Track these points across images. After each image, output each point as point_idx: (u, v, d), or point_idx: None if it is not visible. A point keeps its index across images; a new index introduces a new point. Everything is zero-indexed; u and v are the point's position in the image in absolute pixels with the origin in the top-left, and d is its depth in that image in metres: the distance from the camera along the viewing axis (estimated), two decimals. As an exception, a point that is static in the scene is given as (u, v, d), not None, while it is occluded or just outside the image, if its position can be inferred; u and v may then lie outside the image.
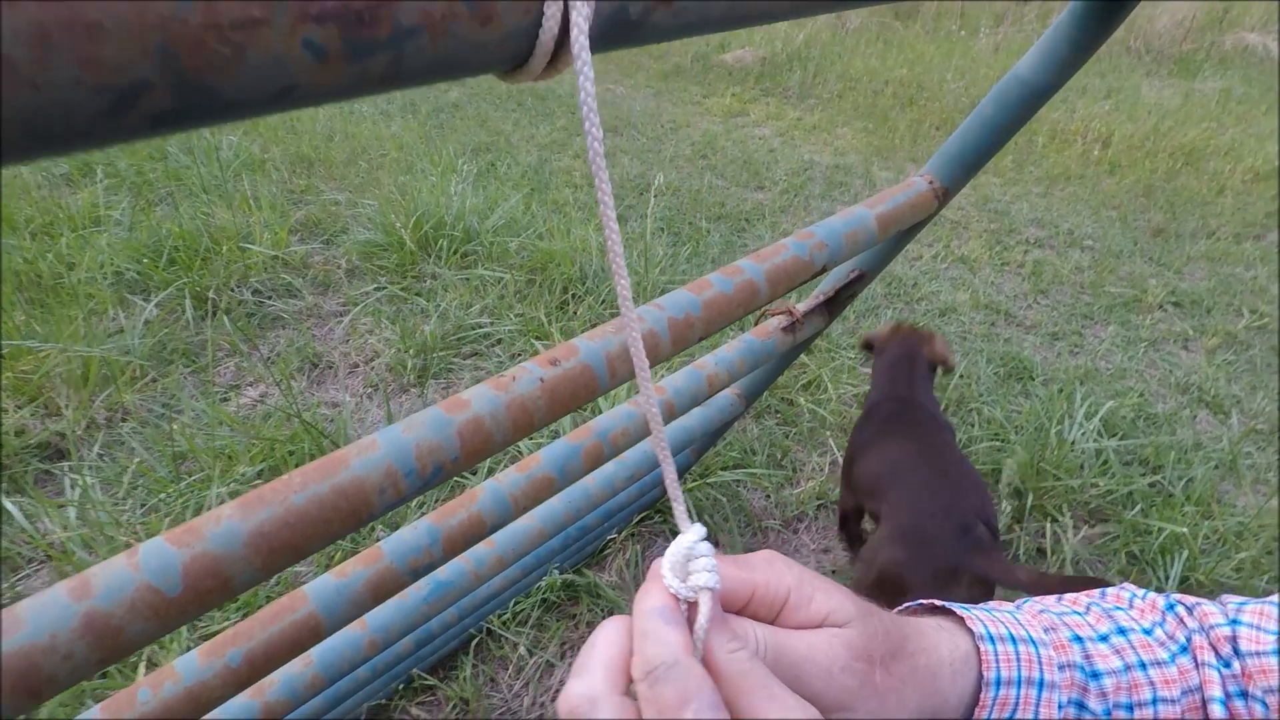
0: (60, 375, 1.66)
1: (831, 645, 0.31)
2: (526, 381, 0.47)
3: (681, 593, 0.29)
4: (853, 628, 0.32)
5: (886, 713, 0.33)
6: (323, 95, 0.15)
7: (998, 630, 0.38)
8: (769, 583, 0.32)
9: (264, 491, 0.38)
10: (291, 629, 0.55)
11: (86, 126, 0.12)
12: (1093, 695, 0.39)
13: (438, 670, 1.26)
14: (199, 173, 2.68)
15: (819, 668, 0.31)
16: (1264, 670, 0.38)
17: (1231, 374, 2.30)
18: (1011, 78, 0.76)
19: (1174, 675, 0.40)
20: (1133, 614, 0.43)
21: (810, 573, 0.34)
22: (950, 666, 0.36)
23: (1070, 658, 0.39)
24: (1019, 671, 0.37)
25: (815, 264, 0.69)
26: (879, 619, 0.34)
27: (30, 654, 0.30)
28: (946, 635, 0.38)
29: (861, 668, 0.32)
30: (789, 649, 0.31)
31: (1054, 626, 0.41)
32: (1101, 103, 4.97)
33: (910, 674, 0.34)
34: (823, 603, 0.33)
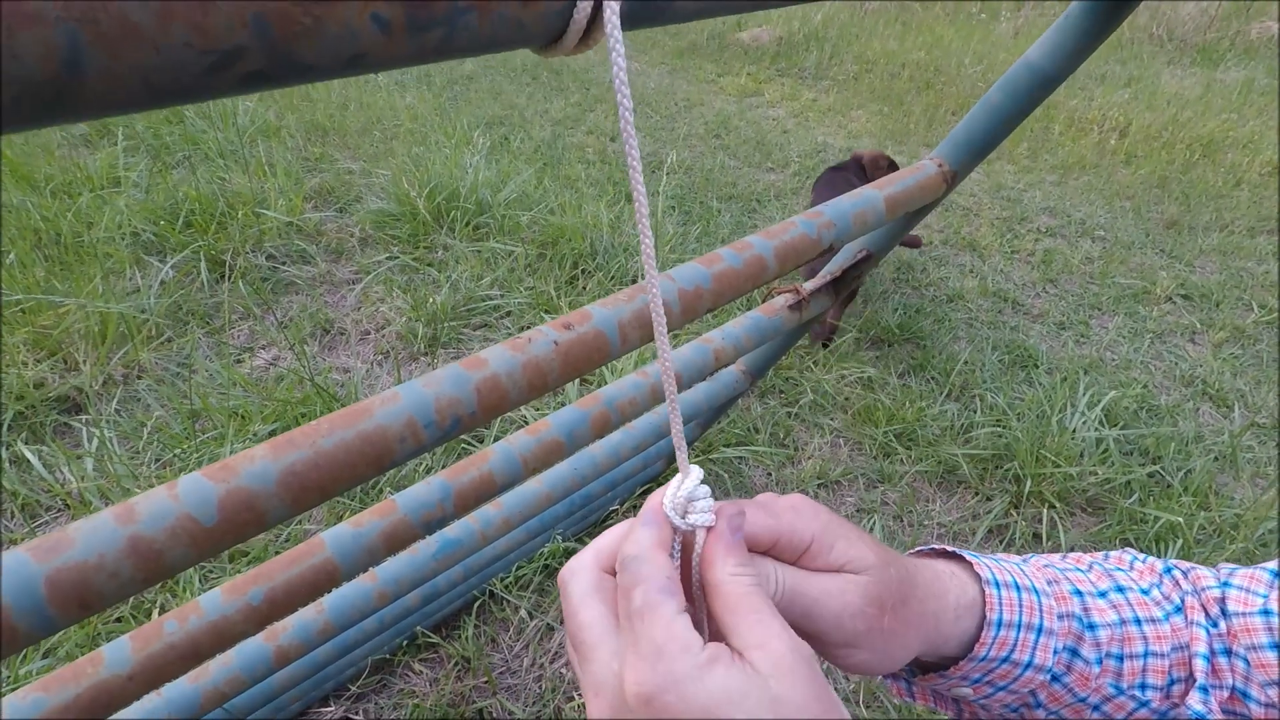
0: (79, 331, 1.69)
1: (845, 592, 0.34)
2: (541, 344, 0.49)
3: (680, 526, 0.32)
4: (869, 575, 0.35)
5: (889, 652, 0.36)
6: (385, 63, 0.17)
7: (1004, 577, 0.41)
8: (794, 529, 0.34)
9: (294, 435, 0.40)
10: (310, 572, 0.58)
11: (190, 83, 0.15)
12: (1087, 644, 0.41)
13: (441, 629, 1.30)
14: (216, 137, 2.69)
15: (830, 612, 0.33)
16: (1248, 629, 0.40)
17: (1237, 368, 2.31)
18: (1021, 64, 0.77)
19: (1166, 632, 0.42)
20: (1133, 575, 0.45)
21: (837, 520, 0.36)
22: (955, 610, 0.39)
23: (1069, 608, 0.41)
24: (1020, 616, 0.40)
25: (823, 242, 0.70)
26: (895, 567, 0.36)
27: (81, 570, 0.33)
28: (956, 582, 0.40)
29: (872, 613, 0.34)
30: (804, 591, 0.33)
31: (1056, 580, 0.43)
32: (1121, 91, 4.92)
33: (917, 618, 0.37)
34: (844, 550, 0.35)
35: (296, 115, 3.17)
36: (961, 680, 0.41)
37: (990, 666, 0.40)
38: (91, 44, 0.13)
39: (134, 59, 0.13)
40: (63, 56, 0.13)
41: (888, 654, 0.36)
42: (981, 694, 0.41)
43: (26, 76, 0.13)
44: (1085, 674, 0.41)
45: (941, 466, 1.76)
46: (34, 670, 1.12)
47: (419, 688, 1.21)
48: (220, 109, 2.93)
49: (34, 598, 0.32)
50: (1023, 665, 0.40)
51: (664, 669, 0.27)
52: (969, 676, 0.40)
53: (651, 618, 0.28)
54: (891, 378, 2.05)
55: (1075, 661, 0.41)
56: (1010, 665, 0.40)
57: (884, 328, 2.24)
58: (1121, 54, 5.96)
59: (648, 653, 0.28)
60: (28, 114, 0.13)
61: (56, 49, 0.13)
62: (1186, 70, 5.75)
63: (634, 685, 0.27)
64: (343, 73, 0.17)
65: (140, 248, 2.11)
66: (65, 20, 0.12)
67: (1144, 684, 0.41)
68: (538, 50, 0.22)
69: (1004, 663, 0.40)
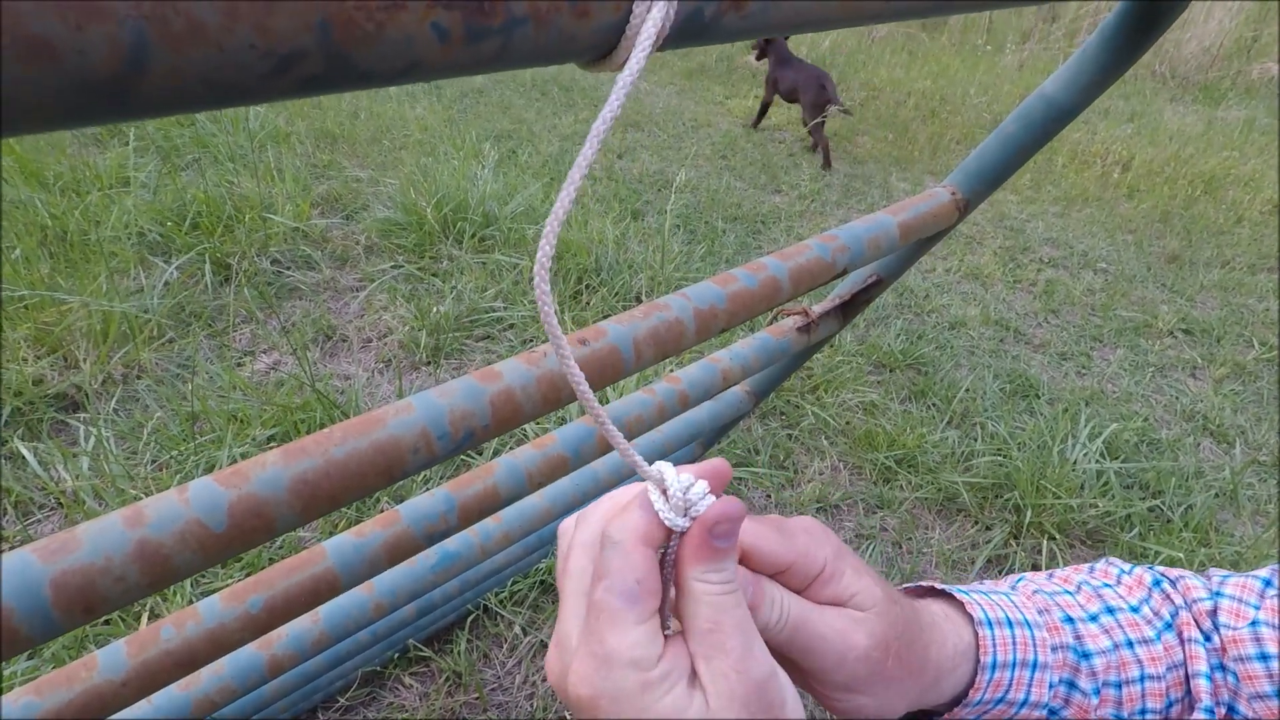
0: (81, 329, 1.69)
1: (852, 631, 0.32)
2: (556, 358, 0.49)
3: (679, 527, 0.28)
4: (875, 614, 0.33)
5: (890, 699, 0.34)
6: (438, 71, 0.17)
7: (995, 615, 0.40)
8: (808, 553, 0.33)
9: (306, 442, 0.40)
10: (310, 581, 0.57)
11: (250, 84, 0.14)
12: (1083, 675, 0.40)
13: (433, 642, 1.29)
14: (225, 141, 2.70)
15: (835, 651, 0.32)
16: (1236, 641, 0.40)
17: (1238, 404, 2.31)
18: (1037, 96, 0.78)
19: (1159, 653, 0.41)
20: (1120, 590, 0.44)
21: (846, 549, 0.35)
22: (953, 659, 0.38)
23: (1062, 639, 0.41)
24: (1014, 654, 0.39)
25: (837, 266, 0.70)
26: (900, 607, 0.35)
27: (87, 572, 0.33)
28: (952, 626, 0.39)
29: (877, 656, 0.33)
30: (811, 625, 0.32)
31: (1047, 608, 0.42)
32: (1124, 125, 4.96)
33: (919, 666, 0.35)
34: (851, 582, 0.33)
35: (306, 122, 3.19)
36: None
37: (985, 709, 0.39)
38: (157, 41, 0.13)
39: (197, 58, 0.13)
40: (128, 53, 0.12)
41: (887, 701, 0.34)
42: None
43: (90, 72, 0.12)
44: (1084, 706, 0.40)
45: (941, 494, 1.75)
46: (19, 670, 1.11)
47: (408, 702, 1.19)
48: (231, 114, 2.95)
49: (38, 600, 0.31)
50: (1018, 704, 0.39)
51: (607, 677, 0.26)
52: (965, 719, 0.40)
53: (608, 619, 0.26)
54: (893, 403, 2.04)
55: (1073, 694, 0.40)
56: (1005, 705, 0.39)
57: (886, 353, 2.24)
58: (1125, 89, 6.02)
59: (597, 654, 0.26)
60: (87, 110, 0.13)
61: (123, 46, 0.12)
62: (1189, 107, 5.81)
63: (576, 683, 0.26)
64: (396, 80, 0.17)
65: (146, 248, 2.11)
66: (134, 17, 0.12)
67: (1144, 709, 0.41)
68: (585, 65, 0.22)
69: (999, 703, 0.39)
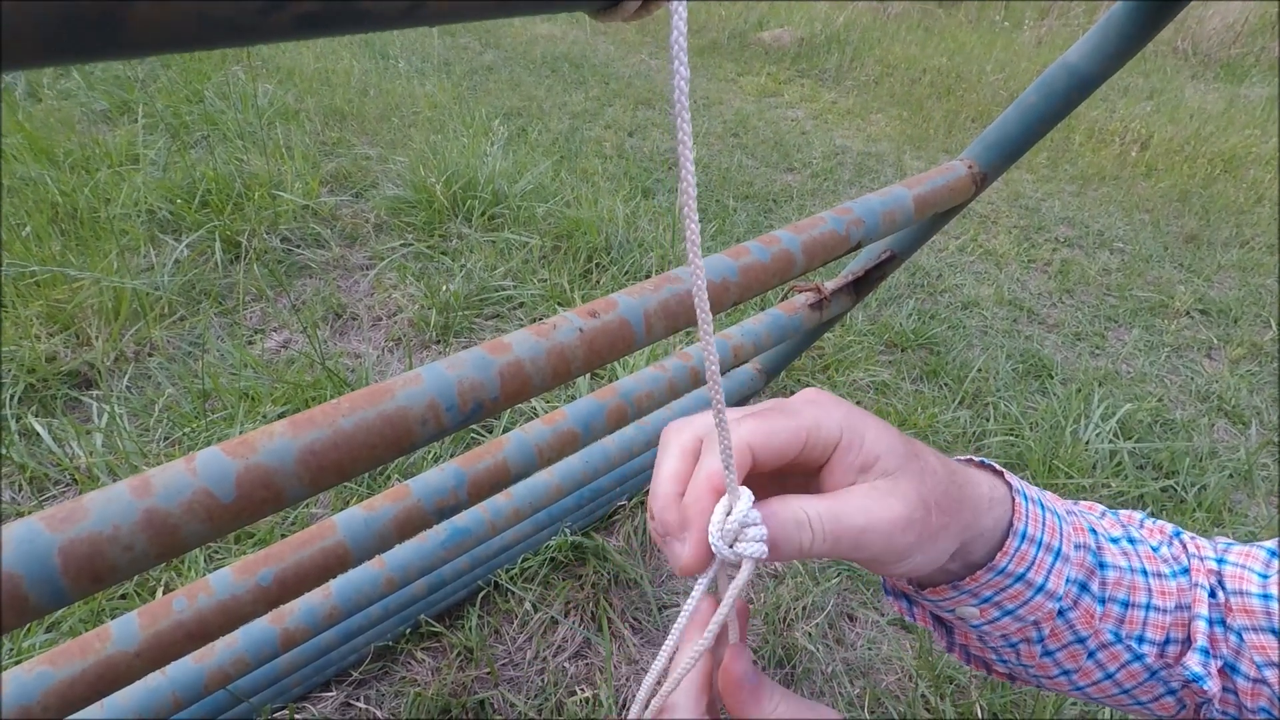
0: (92, 306, 1.70)
1: (890, 509, 0.31)
2: (566, 330, 0.48)
3: (726, 556, 0.30)
4: (905, 475, 0.32)
5: (938, 550, 0.34)
6: (443, 16, 0.16)
7: (1030, 493, 0.39)
8: (818, 424, 0.32)
9: (314, 413, 0.39)
10: (320, 555, 0.57)
11: (245, 22, 0.14)
12: (1096, 581, 0.40)
13: (444, 618, 1.30)
14: (234, 118, 2.69)
15: (880, 534, 0.31)
16: (1246, 610, 0.40)
17: (1254, 385, 2.28)
18: (1060, 65, 0.76)
19: (1171, 589, 0.41)
20: (1143, 532, 0.45)
21: (856, 409, 0.34)
22: (989, 500, 0.37)
23: (1085, 540, 0.40)
24: (1042, 533, 0.38)
25: (851, 240, 0.69)
26: (926, 457, 0.34)
27: (95, 541, 0.32)
28: (986, 475, 0.39)
29: (920, 517, 0.32)
30: (848, 523, 0.31)
31: (1074, 512, 0.42)
32: (1143, 103, 4.87)
33: (958, 506, 0.35)
34: (875, 440, 0.32)
35: (315, 99, 3.17)
36: (971, 596, 0.39)
37: (1004, 583, 0.38)
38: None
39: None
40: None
41: (937, 549, 0.34)
42: (987, 616, 0.40)
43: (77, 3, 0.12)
44: (1090, 611, 0.40)
45: (952, 474, 1.74)
46: (38, 644, 1.12)
47: (420, 676, 1.20)
48: (240, 91, 2.93)
49: (47, 568, 0.31)
50: (1035, 588, 0.38)
51: None
52: (980, 593, 0.39)
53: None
54: (905, 383, 2.03)
55: (1083, 597, 0.40)
56: (1024, 585, 0.38)
57: (898, 332, 2.22)
58: (1145, 66, 5.90)
59: None
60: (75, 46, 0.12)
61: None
62: (1210, 85, 5.70)
63: None
64: (397, 22, 0.16)
65: (156, 226, 2.11)
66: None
67: (1142, 637, 0.40)
68: (595, 15, 0.21)
69: (1018, 581, 0.38)
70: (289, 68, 3.47)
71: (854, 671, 1.30)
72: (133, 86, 2.90)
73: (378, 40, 4.37)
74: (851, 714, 1.23)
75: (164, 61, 3.28)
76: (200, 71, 3.17)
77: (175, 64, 3.24)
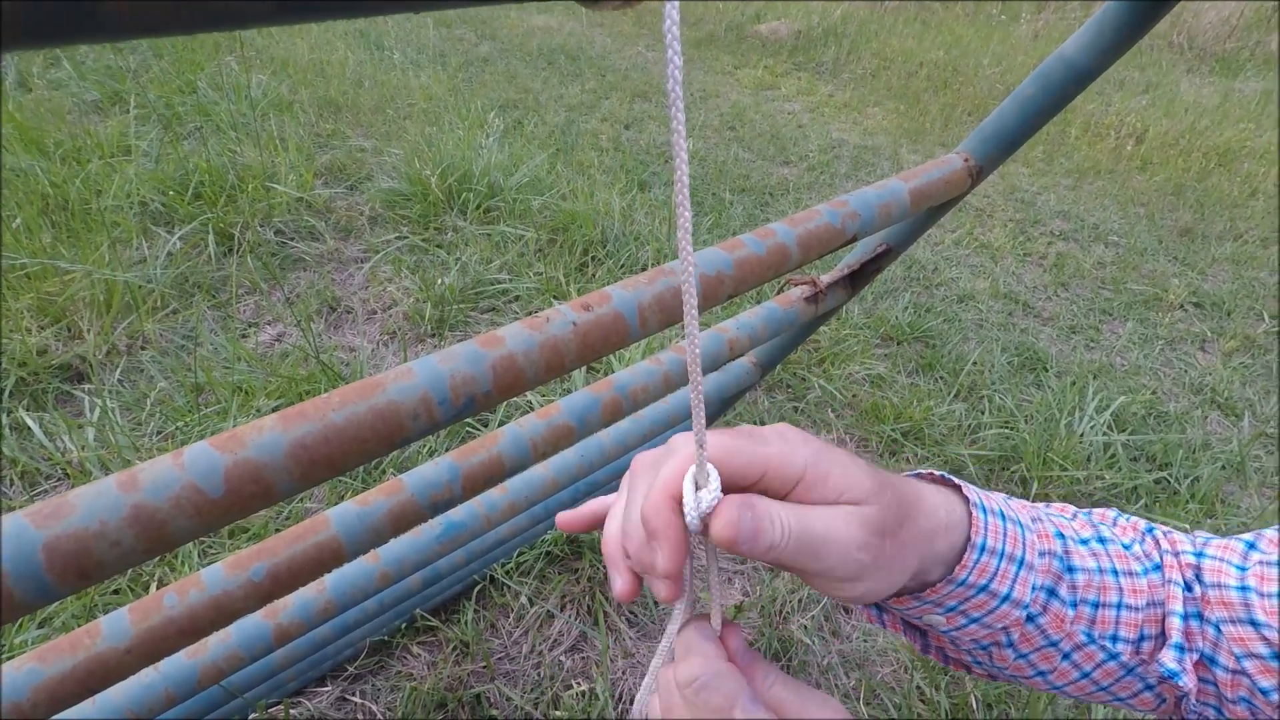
0: (84, 299, 1.68)
1: (850, 525, 0.32)
2: (559, 324, 0.48)
3: (696, 529, 0.32)
4: (869, 504, 0.33)
5: (891, 578, 0.35)
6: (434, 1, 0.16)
7: (990, 505, 0.39)
8: (783, 458, 0.33)
9: (305, 407, 0.39)
10: (314, 549, 0.57)
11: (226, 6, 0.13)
12: (1064, 585, 0.40)
13: (440, 612, 1.29)
14: (228, 110, 2.67)
15: (839, 547, 0.32)
16: (1224, 602, 0.40)
17: (1246, 377, 2.29)
18: (1056, 58, 0.75)
19: (1143, 586, 0.41)
20: (1115, 530, 0.45)
21: (826, 447, 0.34)
22: (945, 527, 0.38)
23: (1051, 547, 0.40)
24: (1003, 544, 0.38)
25: (846, 233, 0.69)
26: (891, 489, 0.35)
27: (81, 537, 0.32)
28: (944, 499, 0.39)
29: (875, 543, 0.33)
30: (810, 530, 0.32)
31: (1040, 519, 0.42)
32: (1139, 97, 4.87)
33: (913, 539, 0.36)
34: (840, 478, 0.33)
35: (310, 90, 3.15)
36: (935, 606, 0.39)
37: (967, 594, 0.38)
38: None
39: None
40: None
41: (888, 579, 0.35)
42: (954, 624, 0.40)
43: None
44: (1061, 615, 0.40)
45: (948, 466, 1.74)
46: (30, 640, 1.12)
47: (416, 670, 1.20)
48: (234, 81, 2.91)
49: (32, 564, 0.30)
50: (1000, 597, 0.38)
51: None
52: (944, 603, 0.39)
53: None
54: (900, 376, 2.03)
55: (1052, 602, 0.40)
56: (988, 595, 0.38)
57: (894, 326, 2.22)
58: (1141, 60, 5.90)
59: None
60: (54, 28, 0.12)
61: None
62: (1205, 79, 5.70)
63: None
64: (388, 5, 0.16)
65: (148, 218, 2.09)
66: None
67: (1115, 635, 0.41)
68: (585, 2, 0.20)
69: (982, 591, 0.38)
70: (283, 58, 3.44)
71: (850, 663, 1.30)
72: (124, 77, 2.88)
73: (373, 31, 4.34)
74: (848, 705, 1.23)
75: (157, 52, 3.26)
76: (193, 62, 3.14)
77: (168, 54, 3.22)
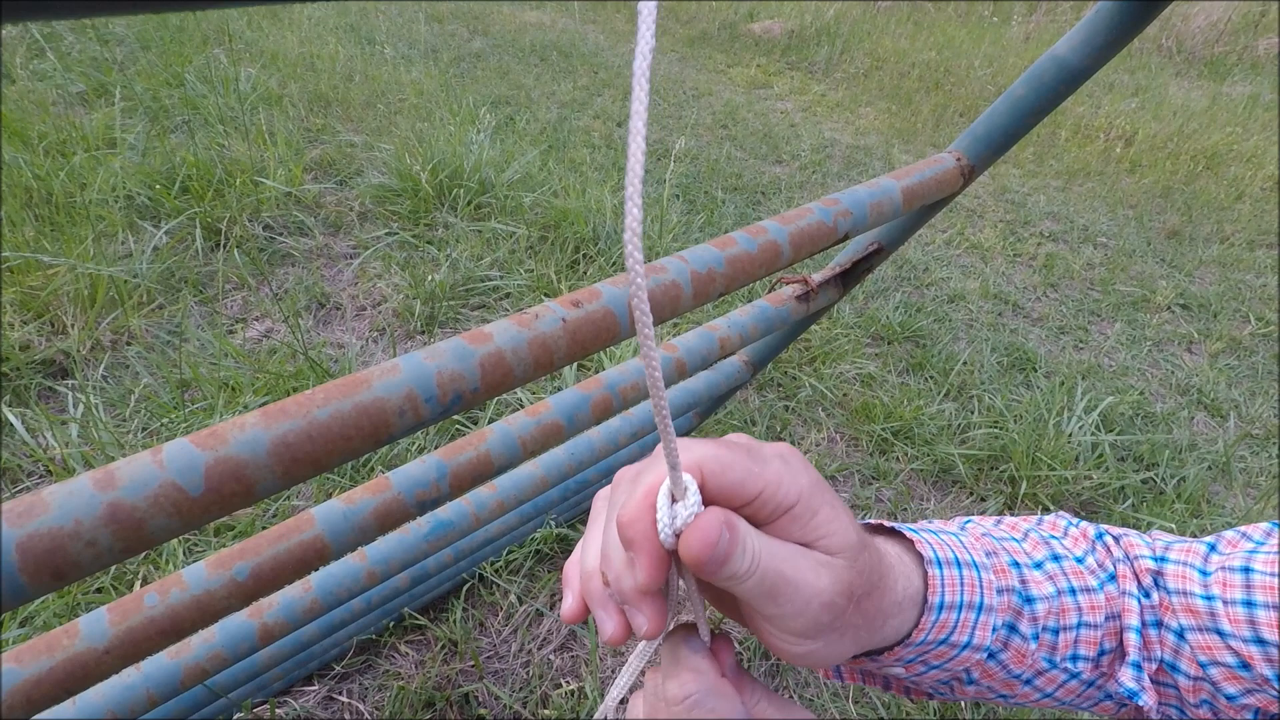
0: (68, 293, 1.66)
1: (820, 577, 0.30)
2: (549, 320, 0.47)
3: (671, 545, 0.30)
4: (845, 560, 0.31)
5: (842, 646, 0.33)
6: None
7: (945, 555, 0.39)
8: (781, 483, 0.31)
9: (287, 404, 0.38)
10: (299, 548, 0.56)
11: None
12: (1025, 619, 0.40)
13: (428, 611, 1.29)
14: (216, 103, 2.65)
15: (800, 596, 0.30)
16: (1190, 609, 0.40)
17: (1232, 379, 2.31)
18: (1048, 57, 0.75)
19: (1100, 602, 0.41)
20: (1066, 542, 0.44)
21: (822, 483, 0.33)
22: (902, 605, 0.37)
23: (1008, 582, 0.40)
24: (961, 596, 0.38)
25: (839, 231, 0.68)
26: (869, 553, 0.33)
27: (55, 536, 0.31)
28: (903, 569, 0.38)
29: (841, 605, 0.31)
30: (779, 570, 0.30)
31: (995, 551, 0.41)
32: (1128, 100, 4.90)
33: (875, 612, 0.34)
34: (827, 520, 0.31)
35: (300, 84, 3.12)
36: (895, 662, 0.39)
37: (926, 649, 0.38)
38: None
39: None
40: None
41: (839, 648, 0.33)
42: (914, 672, 0.40)
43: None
44: (1022, 650, 0.40)
45: (937, 465, 1.75)
46: (10, 639, 1.10)
47: (404, 669, 1.19)
48: (222, 75, 2.89)
49: (5, 564, 0.30)
50: (960, 646, 0.38)
51: None
52: (903, 659, 0.38)
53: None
54: (891, 375, 2.03)
55: (1013, 638, 0.40)
56: (947, 647, 0.38)
57: (884, 325, 2.23)
58: (1130, 63, 5.94)
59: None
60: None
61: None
62: (1194, 82, 5.74)
63: None
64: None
65: (134, 211, 2.07)
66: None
67: (1075, 655, 0.41)
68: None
69: (941, 644, 0.38)
70: (272, 51, 3.42)
71: (838, 663, 1.30)
72: (110, 69, 2.85)
73: (364, 26, 4.31)
74: (836, 705, 1.24)
75: (144, 44, 3.22)
76: (181, 54, 3.11)
77: (155, 46, 3.19)
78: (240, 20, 3.83)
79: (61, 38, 3.10)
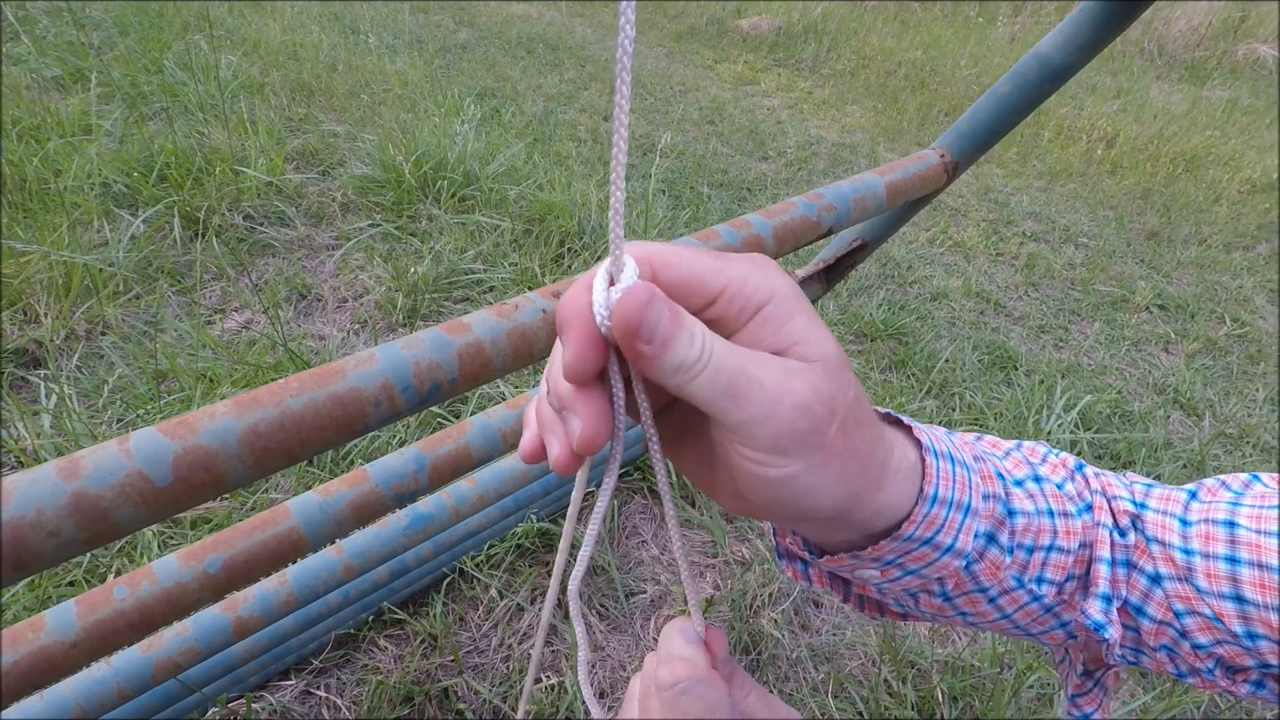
0: (41, 282, 1.63)
1: (790, 377, 0.26)
2: (529, 311, 0.47)
3: (603, 321, 0.26)
4: (823, 369, 0.27)
5: (826, 477, 0.28)
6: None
7: (940, 448, 0.36)
8: (748, 279, 0.27)
9: (260, 393, 0.37)
10: (273, 541, 0.55)
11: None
12: (1005, 531, 0.37)
13: (408, 605, 1.28)
14: (196, 90, 2.61)
15: (767, 395, 0.25)
16: (1169, 559, 0.39)
17: (1208, 378, 2.34)
18: (1032, 55, 0.76)
19: (1076, 528, 0.40)
20: (1045, 469, 0.43)
21: (799, 291, 0.28)
22: (897, 474, 0.33)
23: (994, 489, 0.38)
24: (953, 492, 0.34)
25: (822, 225, 0.68)
26: (855, 387, 0.29)
27: (17, 527, 0.30)
28: (900, 440, 0.35)
29: (820, 413, 0.26)
30: (738, 364, 0.26)
31: (981, 458, 0.39)
32: (1110, 102, 4.95)
33: (868, 453, 0.29)
34: (802, 327, 0.27)
35: (282, 73, 3.08)
36: (873, 562, 0.35)
37: (910, 548, 0.34)
38: None
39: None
40: None
41: (824, 479, 0.27)
42: (889, 576, 0.36)
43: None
44: (997, 562, 0.37)
45: (918, 463, 1.76)
46: (-20, 630, 1.08)
47: (383, 664, 1.19)
48: (202, 62, 2.84)
49: (-38, 554, 0.29)
50: (943, 549, 0.34)
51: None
52: (883, 558, 0.35)
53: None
54: (873, 372, 2.04)
55: (990, 549, 0.37)
56: (930, 548, 0.34)
57: (868, 322, 2.24)
58: (1112, 65, 6.00)
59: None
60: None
61: None
62: (1174, 86, 5.81)
63: None
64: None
65: (110, 199, 2.03)
66: None
67: (1041, 578, 0.39)
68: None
69: (925, 544, 0.34)
70: (254, 39, 3.37)
71: (819, 657, 1.30)
72: (87, 53, 2.79)
73: (348, 14, 4.26)
74: (816, 699, 1.24)
75: (122, 29, 3.17)
76: (160, 40, 3.06)
77: (134, 31, 3.13)
78: (222, 7, 3.78)
79: (36, 21, 3.04)
